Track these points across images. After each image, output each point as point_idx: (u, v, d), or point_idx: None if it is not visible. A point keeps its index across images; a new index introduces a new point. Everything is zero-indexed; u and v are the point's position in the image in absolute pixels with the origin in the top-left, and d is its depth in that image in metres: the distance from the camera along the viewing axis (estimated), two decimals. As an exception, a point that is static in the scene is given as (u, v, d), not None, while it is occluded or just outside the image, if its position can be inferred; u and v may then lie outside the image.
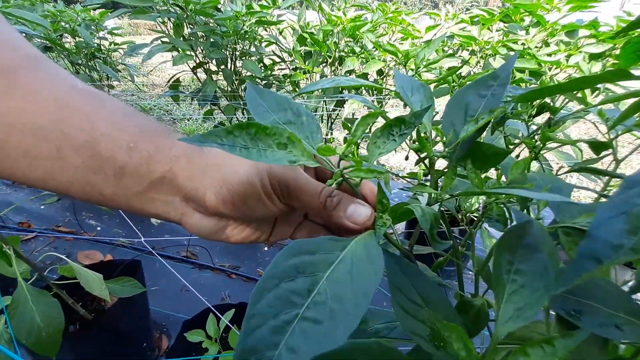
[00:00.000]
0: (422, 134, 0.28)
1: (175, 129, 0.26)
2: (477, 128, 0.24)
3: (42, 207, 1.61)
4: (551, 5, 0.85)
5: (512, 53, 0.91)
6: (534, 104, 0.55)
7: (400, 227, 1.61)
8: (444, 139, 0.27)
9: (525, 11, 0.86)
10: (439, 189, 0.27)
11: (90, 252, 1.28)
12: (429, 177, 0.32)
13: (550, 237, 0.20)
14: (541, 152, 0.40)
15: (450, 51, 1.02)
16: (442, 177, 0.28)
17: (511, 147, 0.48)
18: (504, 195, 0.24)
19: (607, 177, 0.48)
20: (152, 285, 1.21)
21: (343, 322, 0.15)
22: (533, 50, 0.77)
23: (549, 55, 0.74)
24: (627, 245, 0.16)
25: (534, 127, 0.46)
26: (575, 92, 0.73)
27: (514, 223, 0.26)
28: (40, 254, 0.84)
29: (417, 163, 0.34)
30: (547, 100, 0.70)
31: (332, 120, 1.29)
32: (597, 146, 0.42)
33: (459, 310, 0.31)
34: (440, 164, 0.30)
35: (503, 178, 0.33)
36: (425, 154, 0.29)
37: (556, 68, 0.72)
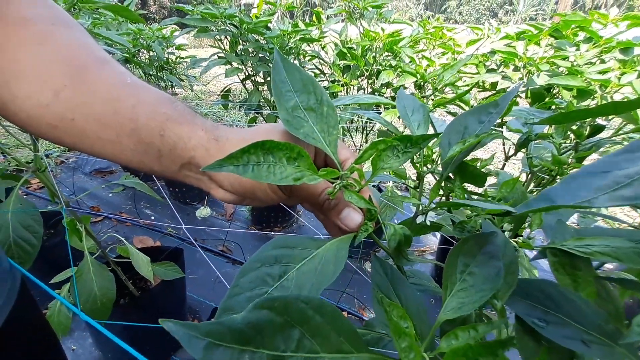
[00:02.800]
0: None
1: (195, 112, 0.29)
2: (463, 149, 0.26)
3: (110, 195, 1.86)
4: (605, 20, 0.78)
5: (561, 69, 0.86)
6: (584, 125, 0.52)
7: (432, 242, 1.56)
8: (432, 156, 0.28)
9: (577, 26, 0.80)
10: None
11: (143, 238, 1.45)
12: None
13: (513, 250, 0.21)
14: (559, 175, 0.39)
15: (494, 66, 0.99)
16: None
17: (534, 168, 0.47)
18: (485, 211, 0.25)
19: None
20: (191, 273, 1.33)
21: None
22: (582, 67, 0.72)
23: (602, 73, 0.68)
24: (587, 197, 0.16)
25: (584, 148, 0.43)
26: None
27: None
28: (104, 235, 0.99)
29: (418, 177, 0.36)
30: (599, 120, 0.66)
31: (367, 132, 1.32)
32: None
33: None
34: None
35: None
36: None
37: (605, 87, 0.66)
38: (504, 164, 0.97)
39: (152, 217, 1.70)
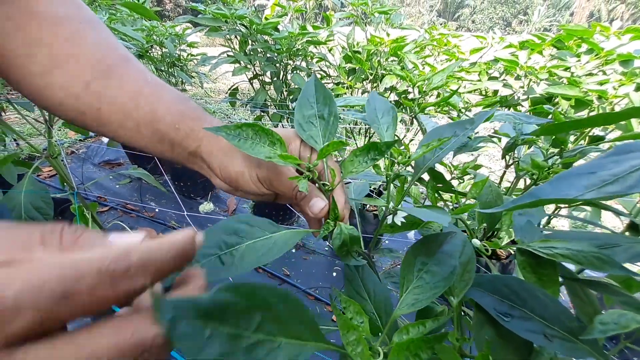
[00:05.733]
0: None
1: (204, 110, 0.34)
2: (426, 152, 0.28)
3: (117, 186, 1.91)
4: (607, 32, 0.79)
5: (564, 80, 0.87)
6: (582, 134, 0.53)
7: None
8: (399, 159, 0.30)
9: (580, 38, 0.81)
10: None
11: (147, 229, 1.48)
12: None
13: (472, 249, 0.23)
14: (543, 179, 0.40)
15: (496, 74, 1.00)
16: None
17: (520, 172, 0.48)
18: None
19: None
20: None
21: (234, 270, 0.23)
22: (582, 78, 0.73)
23: (600, 84, 0.69)
24: (573, 195, 0.17)
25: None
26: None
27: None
28: (109, 224, 1.02)
29: (386, 180, 0.37)
30: (597, 131, 0.67)
31: (370, 135, 1.33)
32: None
33: (420, 313, 0.33)
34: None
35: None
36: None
37: (603, 98, 0.67)
38: (504, 172, 0.98)
39: (157, 210, 1.74)
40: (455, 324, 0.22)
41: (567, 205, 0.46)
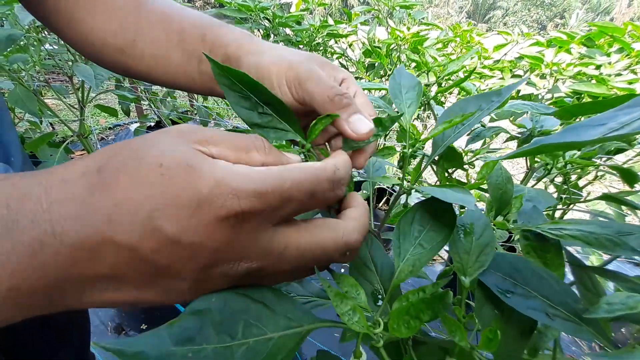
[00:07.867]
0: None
1: (225, 22, 0.34)
2: (446, 128, 0.27)
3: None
4: (639, 32, 0.74)
5: (593, 81, 0.83)
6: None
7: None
8: (414, 136, 0.30)
9: (610, 36, 0.77)
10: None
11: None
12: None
13: (492, 232, 0.22)
14: (556, 169, 0.39)
15: (520, 72, 0.97)
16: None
17: (535, 165, 0.47)
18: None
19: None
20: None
21: None
22: (612, 77, 0.69)
23: (630, 82, 0.66)
24: (576, 140, 0.17)
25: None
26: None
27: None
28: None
29: (402, 158, 0.37)
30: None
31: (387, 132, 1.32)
32: (630, 177, 0.38)
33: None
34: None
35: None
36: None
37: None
38: (526, 174, 0.94)
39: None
40: (462, 303, 0.22)
41: (583, 201, 0.44)
